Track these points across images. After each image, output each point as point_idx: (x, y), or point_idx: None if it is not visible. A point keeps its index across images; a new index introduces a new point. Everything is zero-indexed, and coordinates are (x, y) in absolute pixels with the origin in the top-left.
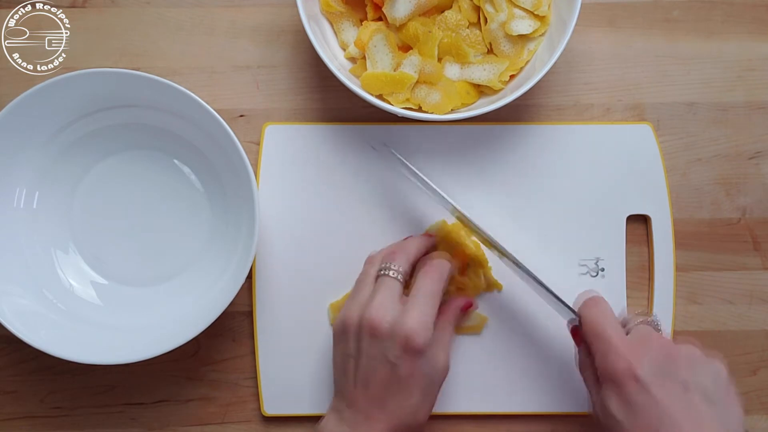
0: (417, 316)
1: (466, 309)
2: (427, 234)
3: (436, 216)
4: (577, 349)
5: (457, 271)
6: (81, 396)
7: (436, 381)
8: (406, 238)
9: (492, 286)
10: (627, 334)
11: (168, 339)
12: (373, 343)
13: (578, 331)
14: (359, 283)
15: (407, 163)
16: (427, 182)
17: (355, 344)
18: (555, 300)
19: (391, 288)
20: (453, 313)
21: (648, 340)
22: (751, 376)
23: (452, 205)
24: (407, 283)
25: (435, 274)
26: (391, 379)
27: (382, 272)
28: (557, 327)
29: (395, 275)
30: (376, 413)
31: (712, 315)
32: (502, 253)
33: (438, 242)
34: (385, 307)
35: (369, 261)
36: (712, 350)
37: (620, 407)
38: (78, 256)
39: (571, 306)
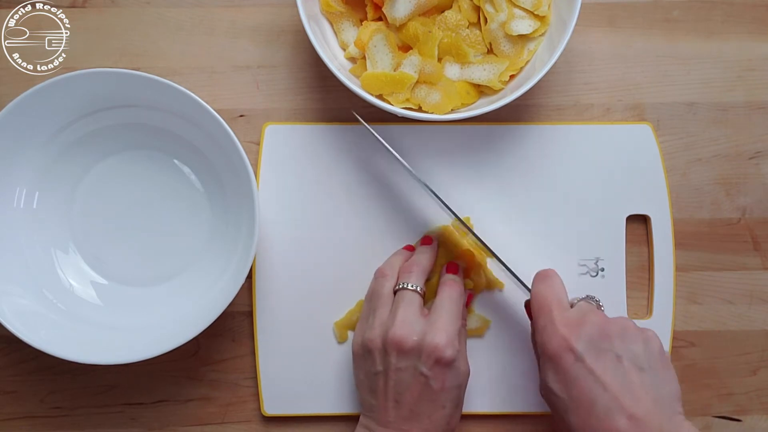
0: (444, 328)
1: (468, 302)
2: (428, 238)
3: (436, 215)
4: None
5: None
6: (81, 396)
7: (463, 388)
8: (405, 247)
9: (493, 284)
10: None
11: (168, 339)
12: (401, 359)
13: (527, 310)
14: (374, 299)
15: (391, 149)
16: (410, 170)
17: (382, 362)
18: (517, 280)
19: (413, 302)
20: (463, 316)
21: (585, 316)
22: (751, 376)
23: (433, 192)
24: (426, 292)
25: (456, 286)
26: (424, 392)
27: (401, 286)
28: None
29: (414, 287)
30: (409, 427)
31: (712, 315)
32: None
33: (439, 246)
34: (409, 323)
35: (380, 275)
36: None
37: (557, 381)
38: (78, 256)
39: (527, 285)
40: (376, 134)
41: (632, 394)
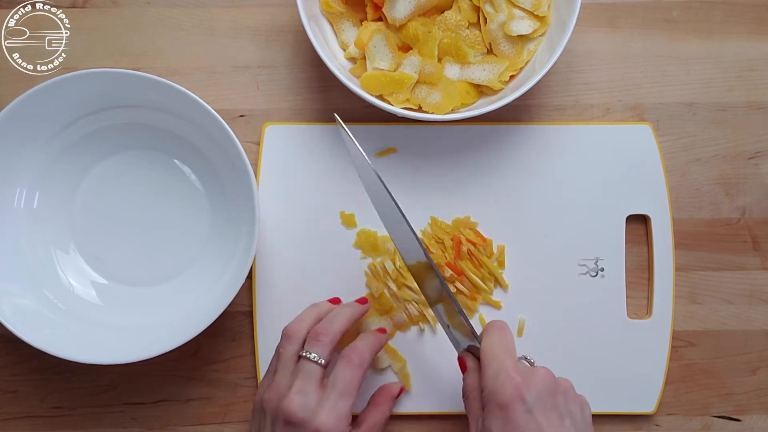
0: (330, 411)
1: (400, 394)
2: (363, 299)
3: (428, 214)
4: (463, 376)
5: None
6: (81, 396)
7: None
8: (330, 300)
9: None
10: None
11: (168, 339)
12: (287, 430)
13: (464, 360)
14: (277, 360)
15: (354, 140)
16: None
17: (271, 427)
18: (462, 324)
19: (311, 374)
20: (388, 403)
21: (536, 372)
22: (751, 376)
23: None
24: (330, 361)
25: (355, 359)
26: None
27: (304, 354)
28: (558, 326)
29: (317, 359)
30: None
31: (711, 315)
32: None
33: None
34: (301, 398)
35: (286, 336)
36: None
37: (504, 429)
38: (78, 256)
39: (475, 331)
40: (352, 137)
41: None
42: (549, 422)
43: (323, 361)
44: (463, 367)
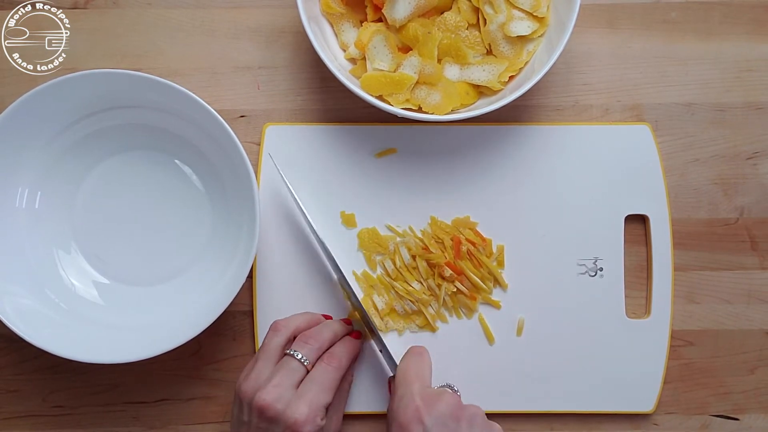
0: (307, 405)
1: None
2: (348, 320)
3: (428, 214)
4: None
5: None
6: (83, 395)
7: None
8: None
9: (500, 282)
10: None
11: (169, 338)
12: (262, 422)
13: (390, 383)
14: (261, 350)
15: (284, 176)
16: (302, 208)
17: (247, 416)
18: (386, 353)
19: (294, 372)
20: (347, 389)
21: (442, 395)
22: (749, 375)
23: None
24: (313, 366)
25: (333, 362)
26: None
27: (291, 352)
28: (557, 325)
29: (302, 359)
30: None
31: (710, 314)
32: (348, 295)
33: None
34: (279, 391)
35: (273, 328)
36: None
37: None
38: (80, 255)
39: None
40: (291, 189)
41: None
42: None
43: (308, 363)
44: (389, 390)
